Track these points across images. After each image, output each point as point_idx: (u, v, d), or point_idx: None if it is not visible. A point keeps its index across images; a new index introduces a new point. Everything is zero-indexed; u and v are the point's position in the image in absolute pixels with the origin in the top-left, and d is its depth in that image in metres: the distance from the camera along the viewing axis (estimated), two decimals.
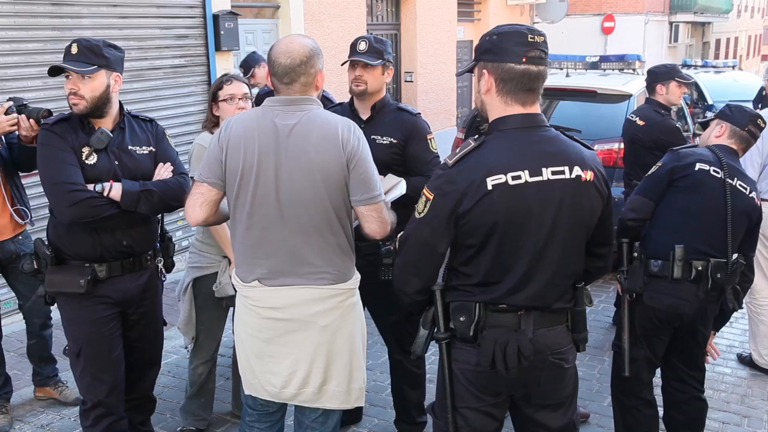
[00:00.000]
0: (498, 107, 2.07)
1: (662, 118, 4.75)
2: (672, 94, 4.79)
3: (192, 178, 2.76)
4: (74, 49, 2.74)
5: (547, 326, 2.12)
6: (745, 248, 3.12)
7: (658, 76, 4.83)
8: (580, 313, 2.19)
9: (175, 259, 3.21)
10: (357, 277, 2.56)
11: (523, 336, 2.07)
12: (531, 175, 2.00)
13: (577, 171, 2.04)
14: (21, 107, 3.31)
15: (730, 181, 3.03)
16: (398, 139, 3.18)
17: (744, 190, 3.06)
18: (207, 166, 2.43)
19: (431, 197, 2.05)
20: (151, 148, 2.92)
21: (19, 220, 3.57)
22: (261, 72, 5.75)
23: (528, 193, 2.00)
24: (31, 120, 3.18)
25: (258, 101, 5.01)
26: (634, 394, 3.21)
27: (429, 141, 3.25)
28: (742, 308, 3.08)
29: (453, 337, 2.15)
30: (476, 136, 2.09)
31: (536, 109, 2.08)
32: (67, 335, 2.95)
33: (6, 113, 3.28)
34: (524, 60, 2.01)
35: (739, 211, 3.03)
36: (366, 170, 2.41)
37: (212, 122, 3.37)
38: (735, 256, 3.03)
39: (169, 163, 2.93)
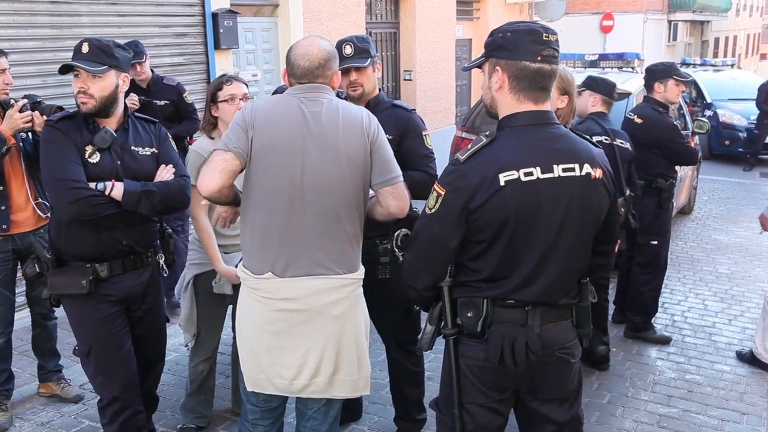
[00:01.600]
0: (510, 104, 2.08)
1: (660, 115, 4.75)
2: (670, 92, 4.79)
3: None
4: (85, 48, 2.73)
5: (553, 321, 2.13)
6: (630, 183, 4.36)
7: (656, 74, 4.83)
8: (584, 309, 2.20)
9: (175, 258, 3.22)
10: (362, 268, 2.58)
11: (530, 331, 2.08)
12: (543, 172, 2.01)
13: (587, 168, 2.05)
14: (35, 104, 3.38)
15: (615, 142, 4.14)
16: (393, 135, 3.17)
17: (624, 144, 4.23)
18: (234, 137, 2.38)
19: (443, 193, 2.05)
20: (154, 149, 2.93)
21: (41, 214, 3.62)
22: (146, 68, 5.18)
23: (539, 190, 2.00)
24: (45, 117, 3.24)
25: None
26: None
27: (424, 137, 3.24)
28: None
29: (460, 332, 2.16)
30: (487, 132, 2.09)
31: (547, 106, 2.09)
32: (76, 336, 2.95)
33: (21, 111, 3.34)
34: (539, 58, 2.01)
35: (624, 160, 4.19)
36: (386, 152, 2.52)
37: (211, 123, 3.35)
38: (628, 191, 4.23)
39: (171, 165, 2.93)
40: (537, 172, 2.00)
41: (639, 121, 4.77)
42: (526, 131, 2.06)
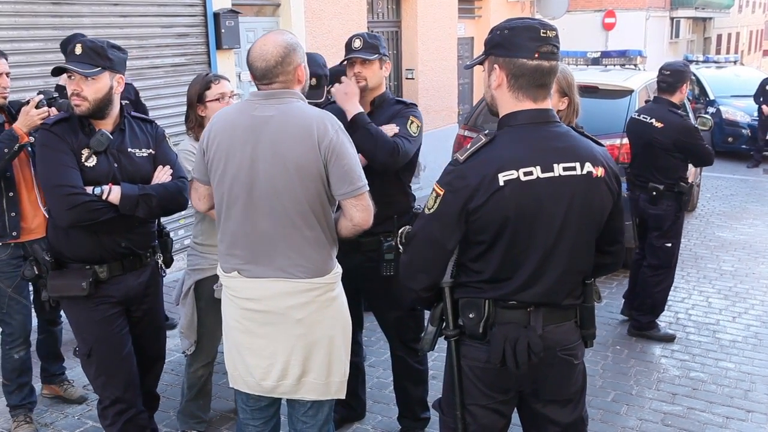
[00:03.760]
0: (509, 102, 2.06)
1: (681, 118, 4.64)
2: (685, 92, 4.81)
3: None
4: (78, 50, 2.70)
5: (556, 322, 2.11)
6: None
7: (684, 75, 4.72)
8: (588, 309, 2.18)
9: (173, 256, 3.22)
10: (336, 271, 2.55)
11: (532, 332, 2.06)
12: (543, 171, 1.98)
13: (588, 167, 2.03)
14: (51, 100, 3.32)
15: None
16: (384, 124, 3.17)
17: None
18: (196, 165, 2.62)
19: (441, 193, 2.04)
20: (151, 150, 2.92)
21: None
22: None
23: (539, 190, 1.98)
24: (62, 113, 3.18)
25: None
26: None
27: (410, 120, 3.16)
28: None
29: (462, 333, 2.14)
30: (487, 132, 2.08)
31: (547, 104, 2.07)
32: (76, 337, 2.95)
33: (37, 107, 3.28)
34: (536, 55, 1.99)
35: None
36: (347, 163, 2.42)
37: (198, 125, 3.30)
38: None
39: (168, 166, 2.92)
40: (537, 172, 1.98)
41: (659, 125, 4.62)
42: (526, 130, 2.04)
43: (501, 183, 1.96)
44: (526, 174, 1.97)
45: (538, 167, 1.98)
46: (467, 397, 2.17)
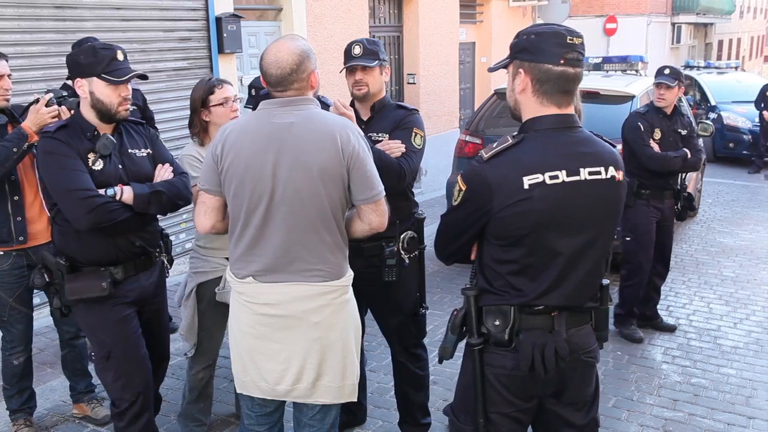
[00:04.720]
0: (533, 107, 2.07)
1: (632, 115, 4.91)
2: (654, 95, 4.96)
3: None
4: (121, 56, 2.78)
5: (577, 326, 2.13)
6: None
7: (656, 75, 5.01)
8: (604, 312, 2.20)
9: (174, 258, 3.24)
10: (350, 274, 2.56)
11: (558, 337, 2.07)
12: (568, 175, 2.00)
13: (611, 171, 2.06)
14: (60, 99, 3.31)
15: None
16: (389, 133, 3.17)
17: None
18: (206, 175, 2.51)
19: (464, 188, 2.07)
20: (148, 150, 2.96)
21: None
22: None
23: (565, 193, 2.00)
24: (72, 111, 3.17)
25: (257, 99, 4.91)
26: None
27: (413, 133, 3.17)
28: None
29: (485, 341, 2.14)
30: (514, 134, 2.08)
31: (570, 110, 2.08)
32: (92, 341, 2.95)
33: (47, 105, 3.27)
34: (562, 62, 1.99)
35: None
36: (368, 169, 2.44)
37: (202, 129, 3.30)
38: None
39: (168, 164, 2.97)
40: (563, 176, 1.99)
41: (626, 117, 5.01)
42: (551, 135, 2.05)
43: (526, 186, 1.97)
44: (551, 178, 1.98)
45: (564, 171, 2.00)
46: (490, 405, 2.16)
